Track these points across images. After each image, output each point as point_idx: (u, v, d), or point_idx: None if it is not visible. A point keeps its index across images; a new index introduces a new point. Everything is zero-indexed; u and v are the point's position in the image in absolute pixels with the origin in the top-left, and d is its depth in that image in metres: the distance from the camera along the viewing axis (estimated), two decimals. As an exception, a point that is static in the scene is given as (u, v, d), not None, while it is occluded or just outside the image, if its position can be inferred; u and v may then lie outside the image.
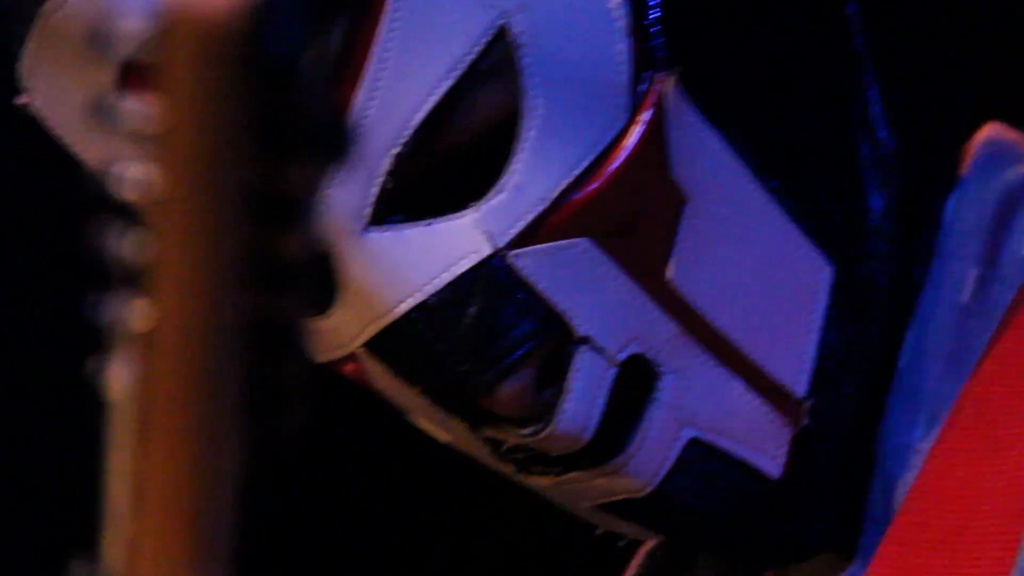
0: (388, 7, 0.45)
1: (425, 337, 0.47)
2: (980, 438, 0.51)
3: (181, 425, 0.23)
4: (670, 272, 0.48)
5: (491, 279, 0.46)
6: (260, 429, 0.23)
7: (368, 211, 0.46)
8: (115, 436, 0.24)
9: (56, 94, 0.48)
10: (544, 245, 0.47)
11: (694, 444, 0.50)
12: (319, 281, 0.25)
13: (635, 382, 0.49)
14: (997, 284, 0.52)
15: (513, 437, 0.48)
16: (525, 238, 0.46)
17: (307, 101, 0.23)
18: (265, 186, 0.23)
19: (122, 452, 0.24)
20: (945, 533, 0.50)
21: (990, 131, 0.54)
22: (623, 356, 0.48)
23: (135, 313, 0.23)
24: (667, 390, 0.49)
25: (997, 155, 0.54)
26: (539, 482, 0.50)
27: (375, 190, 0.46)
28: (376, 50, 0.45)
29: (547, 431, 0.47)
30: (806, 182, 0.50)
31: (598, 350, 0.47)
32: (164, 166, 0.22)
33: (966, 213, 0.52)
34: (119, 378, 0.24)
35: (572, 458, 0.48)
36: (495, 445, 0.49)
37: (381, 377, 0.49)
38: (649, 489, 0.50)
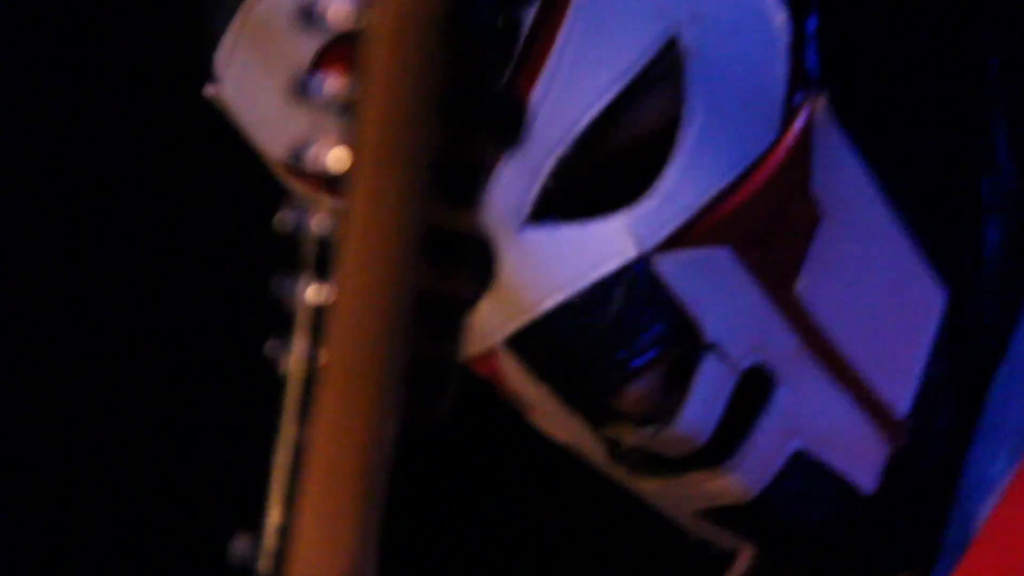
0: (572, 7, 0.45)
1: (566, 335, 0.48)
2: None
3: (352, 397, 0.25)
4: (798, 286, 0.49)
5: (633, 281, 0.47)
6: (418, 406, 0.25)
7: (528, 208, 0.47)
8: (287, 411, 0.27)
9: (251, 82, 0.49)
10: (686, 251, 0.48)
11: (799, 455, 0.51)
12: (484, 265, 0.27)
13: (752, 390, 0.50)
14: None
15: (632, 436, 0.49)
16: (670, 243, 0.48)
17: (495, 79, 0.25)
18: (448, 159, 0.24)
19: (292, 426, 0.27)
20: (1018, 568, 0.52)
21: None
22: (746, 364, 0.49)
23: (316, 289, 0.25)
24: (781, 400, 0.50)
25: None
26: (649, 484, 0.52)
27: (537, 188, 0.47)
28: (556, 49, 0.46)
29: (667, 431, 0.48)
30: (931, 209, 0.52)
31: (723, 357, 0.49)
32: (355, 138, 0.24)
33: None
34: (296, 354, 0.26)
35: (685, 461, 0.50)
36: (613, 445, 0.50)
37: (514, 374, 0.50)
38: (751, 496, 0.51)
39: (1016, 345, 0.54)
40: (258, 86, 0.48)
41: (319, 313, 0.25)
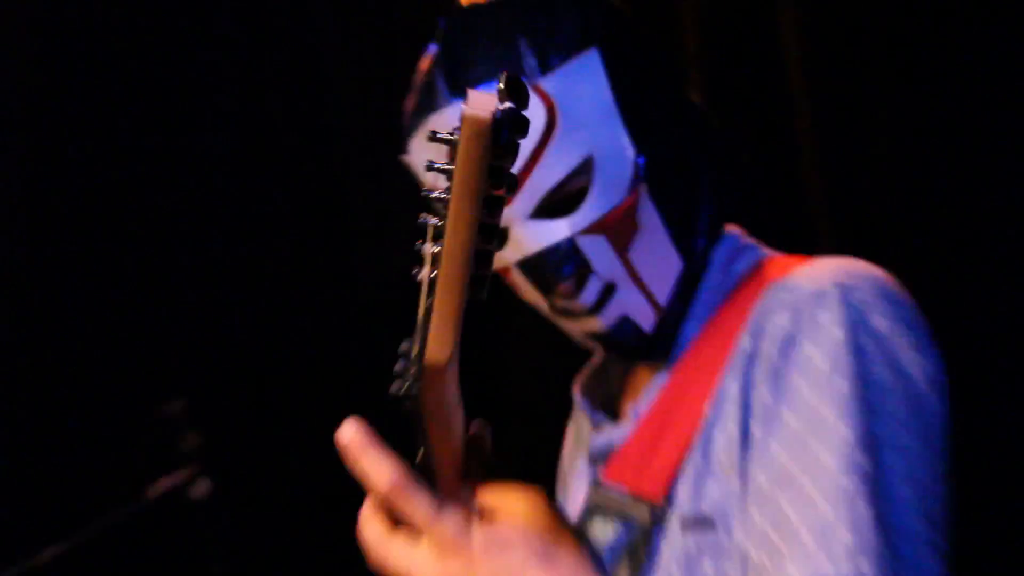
0: (549, 145, 0.96)
1: (539, 263, 0.98)
2: None
3: (452, 277, 0.66)
4: (630, 253, 1.02)
5: (568, 245, 0.96)
6: (475, 285, 0.66)
7: (529, 212, 0.98)
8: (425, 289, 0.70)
9: (420, 154, 0.99)
10: (588, 235, 0.98)
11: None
12: (503, 236, 0.98)
13: (609, 288, 1.09)
14: None
15: (561, 302, 1.04)
16: (584, 231, 0.98)
17: (509, 166, 0.63)
18: (489, 207, 0.63)
19: (425, 298, 0.69)
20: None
21: None
22: (607, 279, 1.04)
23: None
24: (620, 293, 1.06)
25: None
26: (565, 323, 1.08)
27: (533, 206, 0.98)
28: (543, 156, 0.95)
29: (575, 301, 1.03)
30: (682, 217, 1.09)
31: (598, 276, 1.04)
32: (452, 190, 0.63)
33: None
34: (425, 272, 0.68)
35: (583, 312, 1.05)
36: (553, 307, 1.04)
37: (517, 278, 1.01)
38: (603, 327, 1.07)
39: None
40: (423, 157, 0.82)
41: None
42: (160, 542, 2.25)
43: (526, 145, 0.87)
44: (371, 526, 0.69)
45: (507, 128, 0.60)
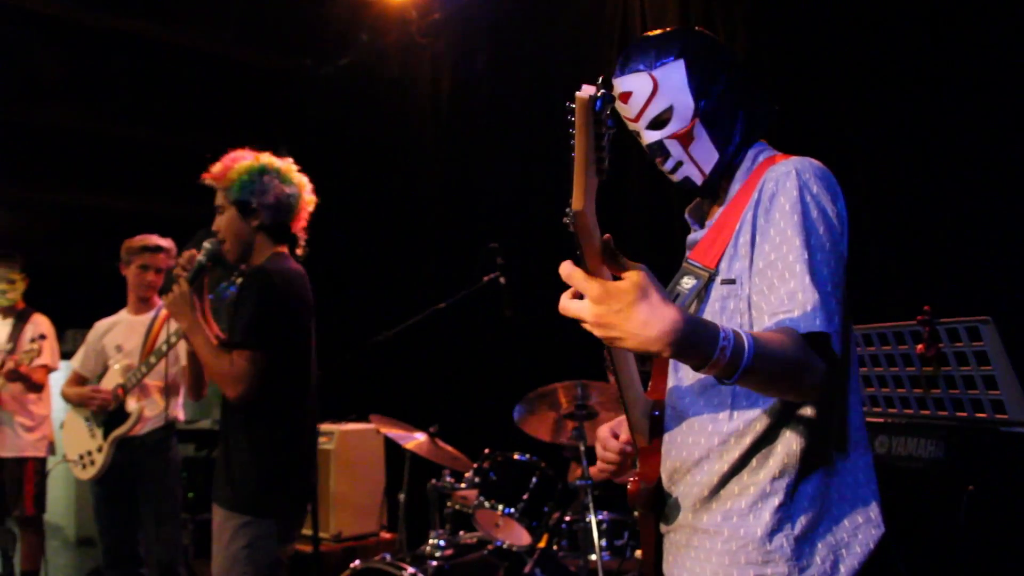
0: (656, 95, 1.70)
1: (648, 151, 1.73)
2: None
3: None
4: None
5: (658, 144, 1.70)
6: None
7: (645, 127, 1.70)
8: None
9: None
10: (670, 139, 1.70)
11: None
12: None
13: None
14: None
15: None
16: (668, 137, 1.69)
17: (600, 134, 1.24)
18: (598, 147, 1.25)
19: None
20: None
21: None
22: None
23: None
24: None
25: None
26: None
27: (647, 123, 1.70)
28: (649, 104, 1.70)
29: None
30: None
31: None
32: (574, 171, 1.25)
33: None
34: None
35: None
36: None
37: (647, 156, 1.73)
38: None
39: None
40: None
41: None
42: None
43: (640, 98, 1.68)
44: (566, 298, 1.30)
45: (601, 100, 1.21)
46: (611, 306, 1.22)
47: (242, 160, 2.96)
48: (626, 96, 1.68)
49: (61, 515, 7.96)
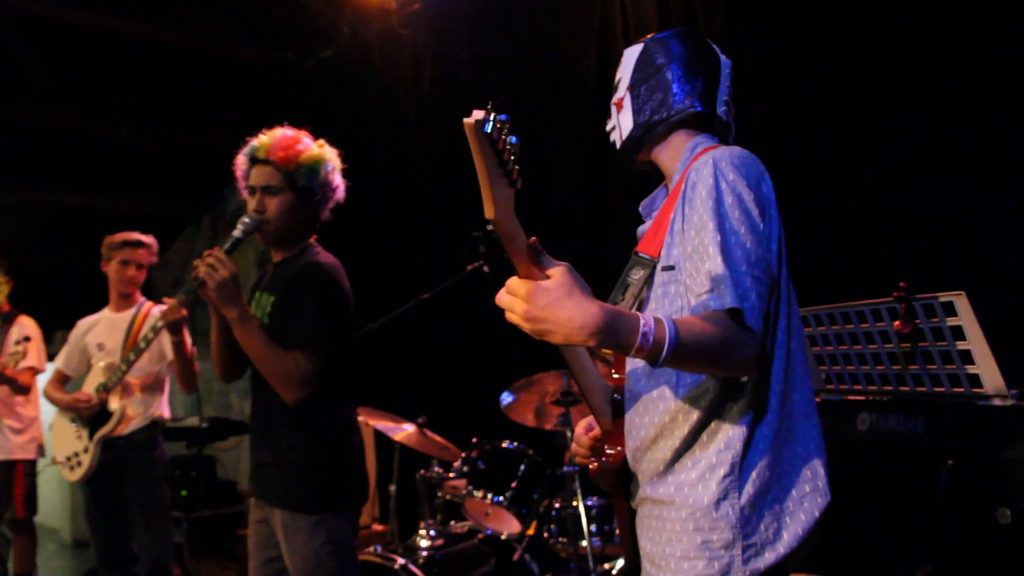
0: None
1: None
2: None
3: None
4: None
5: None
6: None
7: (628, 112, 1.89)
8: None
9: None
10: None
11: None
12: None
13: None
14: None
15: None
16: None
17: (499, 150, 1.29)
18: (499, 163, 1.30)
19: None
20: None
21: None
22: None
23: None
24: None
25: None
26: None
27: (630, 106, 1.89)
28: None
29: None
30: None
31: None
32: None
33: None
34: None
35: None
36: None
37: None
38: None
39: None
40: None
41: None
42: None
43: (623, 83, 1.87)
44: (502, 295, 1.38)
45: (490, 122, 1.26)
46: (538, 303, 1.33)
47: (307, 145, 2.85)
48: None
49: (56, 517, 7.96)
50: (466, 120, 1.24)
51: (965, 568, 2.29)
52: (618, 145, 1.87)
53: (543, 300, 1.33)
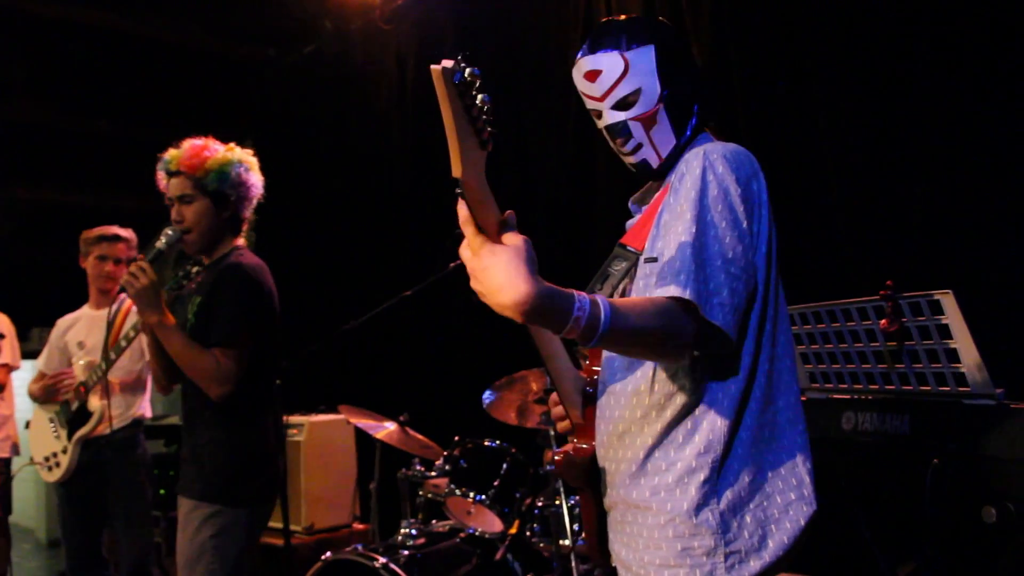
0: (625, 76, 1.76)
1: (609, 131, 1.80)
2: None
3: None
4: None
5: (622, 124, 1.75)
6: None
7: (611, 106, 1.76)
8: None
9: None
10: (634, 121, 1.76)
11: None
12: None
13: None
14: None
15: None
16: (632, 119, 1.76)
17: (469, 104, 1.23)
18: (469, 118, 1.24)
19: None
20: None
21: None
22: None
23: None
24: None
25: None
26: None
27: (613, 103, 1.76)
28: (618, 84, 1.76)
29: None
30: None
31: None
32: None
33: None
34: None
35: None
36: None
37: (606, 136, 1.81)
38: None
39: None
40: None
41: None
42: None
43: (610, 78, 1.72)
44: (463, 250, 1.34)
45: (459, 73, 1.20)
46: (481, 261, 1.30)
47: (213, 150, 2.91)
48: (594, 75, 1.71)
49: (31, 517, 7.87)
50: (433, 67, 1.16)
51: (950, 567, 2.29)
52: (654, 165, 1.75)
53: (487, 260, 1.29)
